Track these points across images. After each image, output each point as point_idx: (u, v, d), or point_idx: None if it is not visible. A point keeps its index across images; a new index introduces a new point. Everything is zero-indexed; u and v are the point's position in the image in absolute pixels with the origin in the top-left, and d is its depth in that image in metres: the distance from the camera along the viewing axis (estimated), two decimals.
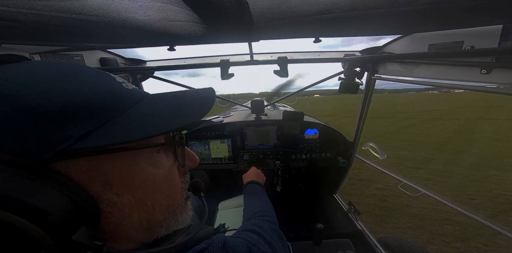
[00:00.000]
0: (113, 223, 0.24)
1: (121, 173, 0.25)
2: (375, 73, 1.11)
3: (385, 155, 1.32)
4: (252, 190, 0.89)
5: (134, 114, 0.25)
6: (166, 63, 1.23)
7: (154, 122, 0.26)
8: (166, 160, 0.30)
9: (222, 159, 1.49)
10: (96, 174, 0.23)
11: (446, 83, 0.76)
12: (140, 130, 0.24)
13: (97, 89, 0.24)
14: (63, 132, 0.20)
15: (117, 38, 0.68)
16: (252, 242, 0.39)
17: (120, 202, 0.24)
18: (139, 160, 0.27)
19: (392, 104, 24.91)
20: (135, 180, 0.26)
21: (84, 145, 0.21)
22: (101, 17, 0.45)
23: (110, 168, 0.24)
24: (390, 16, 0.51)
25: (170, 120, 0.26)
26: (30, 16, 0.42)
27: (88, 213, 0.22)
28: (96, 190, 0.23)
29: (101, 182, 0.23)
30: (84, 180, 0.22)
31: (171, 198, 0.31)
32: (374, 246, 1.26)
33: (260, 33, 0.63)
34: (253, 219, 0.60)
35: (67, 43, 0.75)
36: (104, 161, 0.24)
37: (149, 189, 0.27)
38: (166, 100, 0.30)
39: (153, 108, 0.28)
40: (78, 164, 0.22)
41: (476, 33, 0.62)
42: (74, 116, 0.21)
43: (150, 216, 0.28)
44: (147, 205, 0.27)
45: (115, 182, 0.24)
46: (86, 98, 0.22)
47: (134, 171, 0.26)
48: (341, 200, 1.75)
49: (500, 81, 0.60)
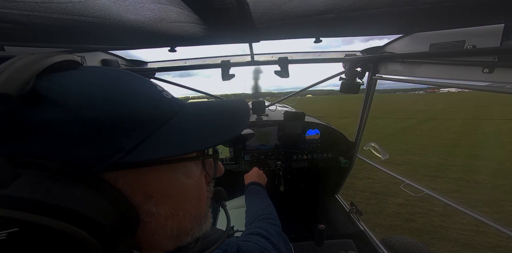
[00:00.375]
0: (149, 232, 0.25)
1: (160, 184, 0.25)
2: (376, 73, 1.10)
3: (387, 155, 1.31)
4: (254, 191, 0.89)
5: (175, 126, 0.26)
6: (167, 65, 1.23)
7: (195, 136, 0.26)
8: (196, 170, 0.31)
9: (223, 160, 1.49)
10: (139, 185, 0.23)
11: (448, 82, 0.76)
12: (183, 143, 0.24)
13: (145, 99, 0.24)
14: (115, 144, 0.20)
15: (118, 40, 0.69)
16: (263, 246, 0.40)
17: (158, 212, 0.25)
18: (176, 171, 0.27)
19: (383, 104, 24.76)
20: (171, 191, 0.27)
21: (134, 158, 0.21)
22: (102, 19, 0.46)
23: (151, 180, 0.24)
24: (391, 16, 0.51)
25: (210, 135, 0.27)
26: (32, 18, 0.42)
27: (131, 223, 0.22)
28: (138, 201, 0.23)
29: (143, 193, 0.24)
30: (129, 191, 0.23)
31: (199, 207, 0.31)
32: (377, 246, 1.25)
33: (261, 33, 0.64)
34: (258, 222, 0.59)
35: (68, 45, 0.75)
36: (147, 172, 0.24)
37: (181, 199, 0.28)
38: (204, 112, 0.31)
39: (192, 121, 0.28)
40: (125, 176, 0.22)
41: (478, 32, 0.62)
42: (126, 128, 0.21)
43: (180, 225, 0.28)
44: (179, 215, 0.28)
45: (155, 193, 0.25)
46: (136, 109, 0.23)
47: (171, 182, 0.27)
48: (343, 200, 1.74)
49: (503, 81, 0.59)
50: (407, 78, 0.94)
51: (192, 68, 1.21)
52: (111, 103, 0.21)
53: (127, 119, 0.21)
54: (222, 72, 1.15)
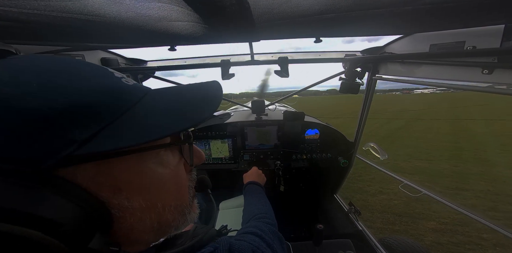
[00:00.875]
0: (125, 227, 0.24)
1: (130, 176, 0.24)
2: (376, 73, 1.10)
3: (386, 155, 1.32)
4: (252, 191, 0.89)
5: (139, 113, 0.24)
6: (167, 63, 1.23)
7: (162, 121, 0.24)
8: (172, 158, 0.29)
9: (223, 159, 1.49)
10: (104, 179, 0.22)
11: (448, 83, 0.76)
12: (149, 130, 0.23)
13: (97, 86, 0.22)
14: (64, 136, 0.19)
15: (118, 38, 0.69)
16: (256, 245, 0.39)
17: (132, 206, 0.24)
18: (147, 161, 0.25)
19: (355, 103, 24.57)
20: (144, 182, 0.25)
21: (89, 150, 0.19)
22: (102, 17, 0.46)
23: (119, 172, 0.23)
24: (391, 16, 0.51)
25: (180, 118, 0.25)
26: (31, 16, 0.42)
27: (100, 219, 0.21)
28: (105, 196, 0.22)
29: (110, 187, 0.22)
30: (92, 186, 0.21)
31: (180, 197, 0.30)
32: (375, 246, 1.25)
33: (261, 33, 0.63)
34: (253, 221, 0.59)
35: (68, 43, 0.75)
36: (112, 164, 0.22)
37: (158, 190, 0.27)
38: (171, 96, 0.29)
39: (159, 106, 0.26)
40: (85, 170, 0.21)
41: (478, 33, 0.62)
42: (75, 118, 0.19)
43: (160, 217, 0.27)
44: (157, 207, 0.26)
45: (124, 186, 0.23)
46: (86, 97, 0.21)
47: (142, 173, 0.25)
48: (342, 200, 1.75)
49: (502, 82, 0.59)
50: (407, 79, 0.94)
51: (192, 67, 1.21)
52: (52, 92, 0.19)
53: (74, 109, 0.19)
54: (222, 72, 1.15)
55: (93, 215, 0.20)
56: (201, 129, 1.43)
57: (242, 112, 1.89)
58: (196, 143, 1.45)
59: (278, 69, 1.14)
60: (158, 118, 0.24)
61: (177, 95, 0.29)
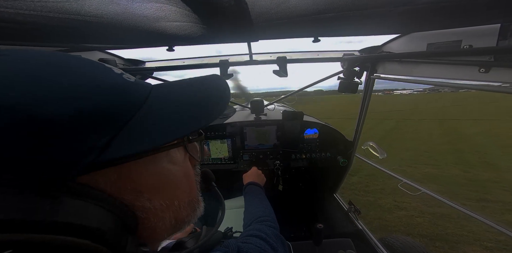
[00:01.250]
0: (149, 228, 0.24)
1: (148, 178, 0.24)
2: (374, 72, 1.11)
3: (385, 154, 1.32)
4: (253, 192, 0.89)
5: (149, 114, 0.23)
6: (165, 64, 1.23)
7: (175, 121, 0.24)
8: (180, 155, 0.29)
9: (222, 159, 1.49)
10: (125, 183, 0.22)
11: (445, 82, 0.76)
12: (165, 131, 0.23)
13: (106, 87, 0.21)
14: (84, 143, 0.18)
15: (116, 39, 0.68)
16: (262, 248, 0.40)
17: (154, 206, 0.24)
18: (161, 161, 0.26)
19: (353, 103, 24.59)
20: (161, 182, 0.26)
21: (111, 155, 0.19)
22: (99, 18, 0.45)
23: (137, 175, 0.23)
24: (389, 16, 0.51)
25: (191, 118, 0.25)
26: (28, 17, 0.42)
27: (129, 223, 0.22)
28: (129, 199, 0.22)
29: (132, 190, 0.23)
30: (115, 190, 0.21)
31: (191, 193, 0.31)
32: (375, 245, 1.26)
33: (259, 33, 0.63)
34: (256, 224, 0.60)
35: (65, 44, 0.75)
36: (131, 168, 0.22)
37: (173, 188, 0.27)
38: (177, 94, 0.28)
39: (168, 104, 0.25)
40: (106, 176, 0.20)
41: (474, 32, 0.62)
42: (90, 123, 0.18)
43: (177, 215, 0.28)
44: (175, 205, 0.27)
45: (144, 188, 0.23)
46: (97, 99, 0.19)
47: (159, 173, 0.25)
48: (341, 200, 1.75)
49: (499, 80, 0.60)
50: (404, 78, 0.94)
51: (190, 67, 1.21)
52: (62, 97, 0.17)
53: (90, 114, 0.18)
54: (221, 72, 1.15)
55: (123, 219, 0.21)
56: None
57: (241, 112, 1.89)
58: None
59: (277, 69, 1.14)
60: (169, 119, 0.24)
61: (183, 93, 0.28)
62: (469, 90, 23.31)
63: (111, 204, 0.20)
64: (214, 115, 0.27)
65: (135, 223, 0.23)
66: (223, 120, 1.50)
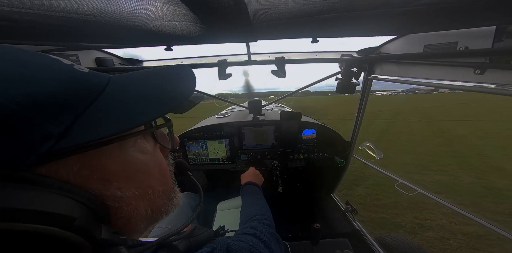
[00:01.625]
0: (123, 217, 0.24)
1: (115, 166, 0.24)
2: (372, 73, 1.12)
3: (382, 154, 1.33)
4: (250, 192, 0.89)
5: (110, 101, 0.23)
6: (163, 63, 1.22)
7: (138, 107, 0.24)
8: (148, 144, 0.29)
9: (220, 159, 1.49)
10: (90, 172, 0.22)
11: (441, 83, 0.77)
12: (126, 117, 0.22)
13: (55, 74, 0.20)
14: (38, 132, 0.17)
15: (114, 38, 0.68)
16: (253, 245, 0.39)
17: (125, 195, 0.24)
18: (127, 149, 0.25)
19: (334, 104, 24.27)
20: (130, 170, 0.25)
21: (68, 143, 0.19)
22: (97, 17, 0.45)
23: (103, 163, 0.23)
24: (386, 17, 0.51)
25: (155, 103, 0.25)
26: (24, 15, 0.41)
27: (100, 212, 0.21)
28: (96, 188, 0.22)
29: (99, 179, 0.22)
30: (80, 180, 0.21)
31: (165, 182, 0.31)
32: (371, 245, 1.26)
33: (258, 33, 0.64)
34: (251, 222, 0.59)
35: (62, 43, 0.74)
36: (94, 157, 0.22)
37: (145, 177, 0.27)
38: (140, 81, 0.28)
39: (129, 92, 0.25)
40: (67, 165, 0.20)
41: (470, 34, 0.63)
42: (43, 112, 0.18)
43: (152, 204, 0.28)
44: (148, 193, 0.27)
45: (112, 177, 0.23)
46: (47, 87, 0.19)
47: (126, 161, 0.25)
48: (339, 200, 1.76)
49: (494, 82, 0.61)
50: (401, 79, 0.95)
51: None
52: (5, 84, 0.17)
53: (38, 100, 0.18)
54: (219, 72, 1.14)
55: (93, 208, 0.21)
56: (198, 129, 1.42)
57: (239, 112, 1.89)
58: (193, 143, 1.44)
59: (275, 69, 1.14)
60: (131, 104, 0.24)
61: (145, 80, 0.28)
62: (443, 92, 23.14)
63: (75, 193, 0.20)
64: (177, 102, 0.26)
65: (107, 212, 0.23)
66: (221, 120, 1.50)
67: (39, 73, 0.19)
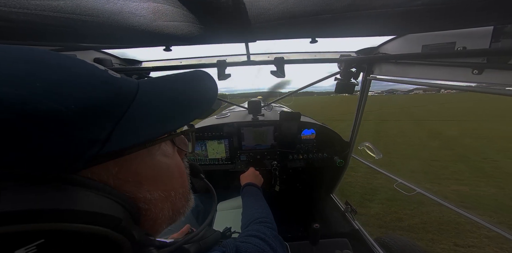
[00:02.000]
0: (151, 219, 0.26)
1: (146, 170, 0.25)
2: (371, 73, 1.12)
3: (381, 154, 1.33)
4: (250, 193, 0.88)
5: (143, 107, 0.23)
6: (162, 64, 1.22)
7: (168, 114, 0.25)
8: (169, 148, 0.30)
9: (219, 160, 1.49)
10: (126, 175, 0.23)
11: (439, 83, 0.78)
12: (158, 124, 0.24)
13: (95, 82, 0.21)
14: (85, 137, 0.18)
15: (112, 39, 0.68)
16: (261, 247, 0.40)
17: (154, 198, 0.25)
18: (155, 154, 0.27)
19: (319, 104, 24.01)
20: (158, 174, 0.27)
21: (111, 148, 0.20)
22: (95, 17, 0.45)
23: (136, 167, 0.24)
24: (385, 17, 0.52)
25: (182, 111, 0.26)
26: (21, 15, 0.41)
27: (134, 214, 0.22)
28: (131, 191, 0.23)
29: (133, 182, 0.24)
30: (118, 183, 0.22)
31: (184, 184, 0.32)
32: (371, 245, 1.27)
33: (257, 33, 0.64)
34: (254, 225, 0.60)
35: (60, 43, 0.74)
36: (129, 161, 0.23)
37: (168, 179, 0.28)
38: (165, 87, 0.29)
39: (158, 98, 0.26)
40: (107, 169, 0.21)
41: (468, 34, 0.64)
42: (90, 117, 0.19)
43: (174, 205, 0.29)
44: (171, 195, 0.28)
45: (143, 180, 0.25)
46: (92, 94, 0.19)
47: (155, 165, 0.27)
48: (338, 200, 1.76)
49: (491, 82, 0.61)
50: (400, 79, 0.95)
51: (187, 67, 1.20)
52: (58, 91, 0.17)
53: (87, 107, 0.18)
54: (218, 72, 1.14)
55: (129, 209, 0.22)
56: (198, 129, 1.42)
57: (238, 112, 1.89)
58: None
59: (274, 69, 1.14)
60: (162, 111, 0.25)
61: (171, 86, 0.29)
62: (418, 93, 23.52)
63: (117, 196, 0.21)
64: (202, 109, 0.28)
65: (139, 214, 0.24)
66: (220, 121, 1.49)
67: (84, 80, 0.20)
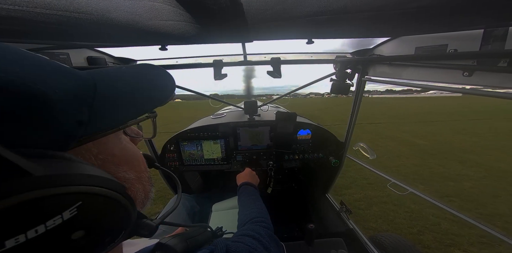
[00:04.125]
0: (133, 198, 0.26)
1: (119, 152, 0.26)
2: (365, 74, 1.14)
3: (375, 155, 1.35)
4: (247, 193, 0.88)
5: (105, 93, 0.23)
6: (158, 63, 1.21)
7: (133, 100, 0.26)
8: (126, 136, 0.32)
9: (215, 160, 1.48)
10: (104, 156, 0.24)
11: (431, 85, 0.79)
12: (127, 109, 0.24)
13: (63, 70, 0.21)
14: (75, 118, 0.19)
15: (106, 37, 0.66)
16: (252, 247, 0.39)
17: (131, 178, 0.27)
18: (120, 138, 0.28)
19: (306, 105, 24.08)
20: (128, 156, 0.28)
21: (92, 129, 0.21)
22: (89, 15, 0.44)
23: (111, 149, 0.25)
24: (380, 19, 0.53)
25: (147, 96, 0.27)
26: (12, 12, 0.40)
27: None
28: (110, 171, 0.24)
29: (111, 162, 0.25)
30: (99, 163, 0.23)
31: (146, 169, 0.33)
32: (365, 244, 1.28)
33: (254, 33, 0.64)
34: (250, 224, 0.59)
35: (52, 41, 0.72)
36: (105, 143, 0.24)
37: (137, 162, 0.30)
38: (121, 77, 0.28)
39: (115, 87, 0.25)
40: (89, 150, 0.22)
41: (460, 37, 0.65)
42: (74, 101, 0.19)
43: (144, 188, 0.30)
44: (143, 177, 0.30)
45: (119, 161, 0.26)
46: (66, 81, 0.20)
47: (124, 149, 0.28)
48: (333, 200, 1.78)
49: (480, 84, 0.63)
50: (393, 80, 0.97)
51: (183, 67, 1.19)
52: (37, 77, 0.18)
53: (68, 92, 0.19)
54: (214, 72, 1.14)
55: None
56: (193, 129, 1.41)
57: (234, 113, 1.88)
58: (188, 144, 1.43)
59: (271, 69, 1.15)
60: (125, 98, 0.25)
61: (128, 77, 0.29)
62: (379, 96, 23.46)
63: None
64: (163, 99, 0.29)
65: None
66: (216, 121, 1.49)
67: (60, 69, 0.21)
